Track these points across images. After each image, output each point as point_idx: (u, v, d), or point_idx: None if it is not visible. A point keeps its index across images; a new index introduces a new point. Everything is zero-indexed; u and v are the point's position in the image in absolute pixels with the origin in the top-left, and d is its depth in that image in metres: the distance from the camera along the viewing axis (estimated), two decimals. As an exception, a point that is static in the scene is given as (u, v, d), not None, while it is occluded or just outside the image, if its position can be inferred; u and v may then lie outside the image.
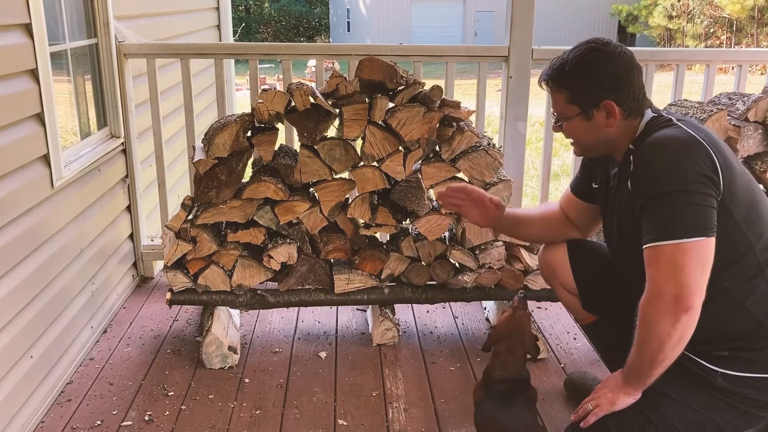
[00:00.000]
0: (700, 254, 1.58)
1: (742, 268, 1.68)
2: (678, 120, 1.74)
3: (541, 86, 1.90)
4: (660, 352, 1.62)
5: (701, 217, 1.58)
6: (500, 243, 2.70)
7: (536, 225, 2.25)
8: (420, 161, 2.64)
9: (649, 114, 1.80)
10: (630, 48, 1.91)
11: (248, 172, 2.63)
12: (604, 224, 2.02)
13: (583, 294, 2.17)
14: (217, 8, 5.80)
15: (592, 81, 1.77)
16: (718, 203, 1.61)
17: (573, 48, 1.82)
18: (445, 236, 2.78)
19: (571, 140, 1.91)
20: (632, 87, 1.77)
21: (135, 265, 3.44)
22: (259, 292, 2.75)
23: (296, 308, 3.06)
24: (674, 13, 20.92)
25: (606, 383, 1.80)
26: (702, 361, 1.71)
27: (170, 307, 2.79)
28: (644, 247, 1.64)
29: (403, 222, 2.74)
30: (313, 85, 2.74)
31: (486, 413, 1.99)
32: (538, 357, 2.15)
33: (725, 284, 1.67)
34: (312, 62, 12.68)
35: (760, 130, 2.68)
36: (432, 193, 2.67)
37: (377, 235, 2.82)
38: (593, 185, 2.04)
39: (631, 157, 1.75)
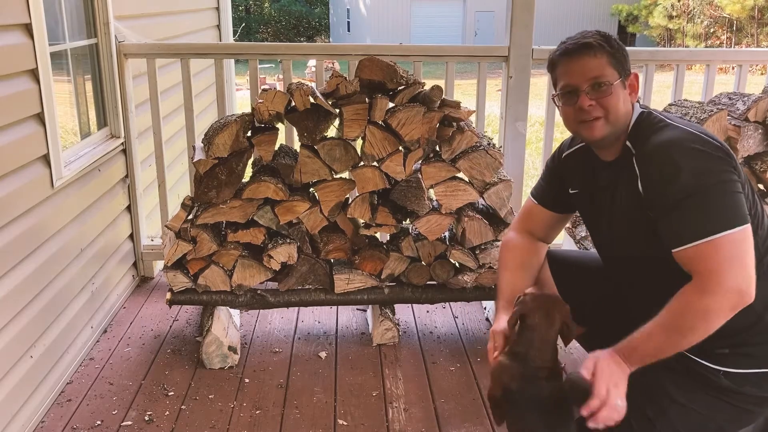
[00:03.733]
0: (749, 240, 1.57)
1: None
2: (669, 119, 1.74)
3: (569, 54, 1.75)
4: (699, 339, 1.57)
5: (741, 205, 1.58)
6: (500, 243, 2.70)
7: (524, 282, 2.03)
8: (420, 161, 2.64)
9: (638, 108, 1.79)
10: (630, 48, 1.91)
11: (248, 172, 2.63)
12: (596, 230, 1.97)
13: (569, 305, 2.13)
14: (217, 8, 5.80)
15: (625, 51, 1.76)
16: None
17: (584, 31, 1.78)
18: (445, 236, 2.78)
19: (596, 116, 1.74)
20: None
21: (135, 265, 3.44)
22: (259, 292, 2.75)
23: (296, 308, 3.06)
24: (674, 13, 20.92)
25: (612, 371, 1.61)
26: (704, 362, 1.71)
27: (170, 307, 2.79)
28: (687, 246, 1.58)
29: (403, 222, 2.74)
30: (313, 85, 2.74)
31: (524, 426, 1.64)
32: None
33: None
34: (312, 62, 12.68)
35: (760, 130, 2.68)
36: (432, 193, 2.68)
37: (377, 235, 2.81)
38: (569, 191, 1.98)
39: (634, 161, 1.71)
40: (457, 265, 2.78)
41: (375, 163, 2.60)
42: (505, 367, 1.68)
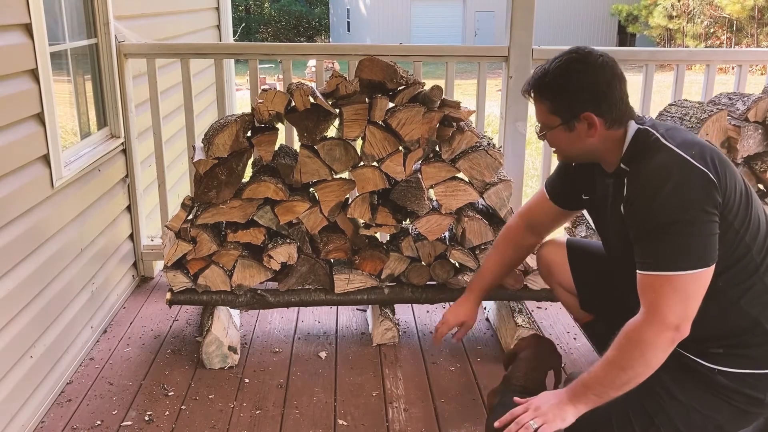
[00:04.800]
0: (703, 283, 1.61)
1: (739, 270, 1.69)
2: (665, 137, 1.71)
3: (524, 95, 1.89)
4: (641, 375, 1.64)
5: (706, 248, 1.60)
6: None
7: (502, 268, 2.35)
8: (420, 161, 2.64)
9: (633, 126, 1.76)
10: (630, 48, 1.90)
11: (248, 172, 2.63)
12: (600, 231, 2.04)
13: (581, 293, 2.19)
14: (217, 8, 5.81)
15: (572, 93, 1.75)
16: (719, 221, 1.61)
17: (554, 58, 1.79)
18: (445, 236, 2.78)
19: (554, 150, 1.92)
20: (613, 97, 1.74)
21: (135, 265, 3.44)
22: (259, 292, 2.75)
23: (296, 308, 3.06)
24: (674, 13, 20.91)
25: (545, 400, 1.73)
26: (699, 360, 1.73)
27: (170, 307, 2.79)
28: (646, 272, 1.65)
29: (403, 222, 2.74)
30: (313, 85, 2.74)
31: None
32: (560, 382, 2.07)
33: (720, 285, 1.68)
34: (312, 62, 12.69)
35: (760, 130, 2.68)
36: (432, 193, 2.68)
37: (377, 235, 2.82)
38: (583, 196, 2.03)
39: (626, 181, 1.73)
40: (457, 265, 2.78)
41: (375, 163, 2.60)
42: (492, 391, 2.00)
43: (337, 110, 2.55)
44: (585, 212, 2.53)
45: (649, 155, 1.69)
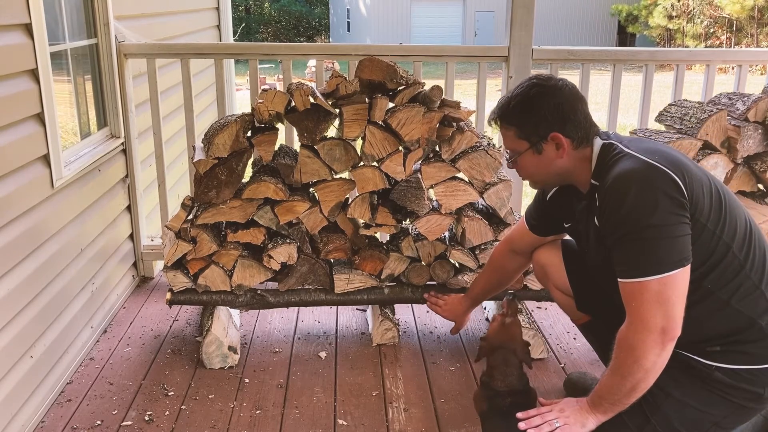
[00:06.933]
0: (681, 284, 1.62)
1: (723, 271, 1.69)
2: (628, 147, 1.75)
3: (490, 125, 1.94)
4: (644, 380, 1.66)
5: (678, 249, 1.61)
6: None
7: (492, 289, 2.54)
8: (420, 161, 2.64)
9: (598, 142, 1.81)
10: (630, 48, 1.91)
11: (248, 172, 2.63)
12: (583, 253, 2.06)
13: (577, 294, 2.19)
14: (217, 8, 5.81)
15: (537, 115, 1.81)
16: (690, 222, 1.63)
17: (517, 86, 1.86)
18: (445, 236, 2.78)
19: (524, 177, 1.96)
20: (577, 117, 1.80)
21: (135, 265, 3.44)
22: (259, 292, 2.75)
23: (296, 308, 3.06)
24: (674, 13, 20.90)
25: (569, 405, 1.80)
26: (696, 358, 1.74)
27: (170, 307, 2.79)
28: (623, 280, 1.67)
29: (403, 222, 2.74)
30: (313, 85, 2.74)
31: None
32: (538, 357, 2.15)
33: (708, 287, 1.69)
34: (312, 62, 12.69)
35: (760, 130, 2.68)
36: (432, 193, 2.68)
37: (377, 235, 2.82)
38: (564, 224, 2.07)
39: (596, 194, 1.77)
40: (457, 265, 2.78)
41: (375, 163, 2.60)
42: (476, 395, 2.07)
43: (337, 110, 2.55)
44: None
45: (612, 167, 1.73)
